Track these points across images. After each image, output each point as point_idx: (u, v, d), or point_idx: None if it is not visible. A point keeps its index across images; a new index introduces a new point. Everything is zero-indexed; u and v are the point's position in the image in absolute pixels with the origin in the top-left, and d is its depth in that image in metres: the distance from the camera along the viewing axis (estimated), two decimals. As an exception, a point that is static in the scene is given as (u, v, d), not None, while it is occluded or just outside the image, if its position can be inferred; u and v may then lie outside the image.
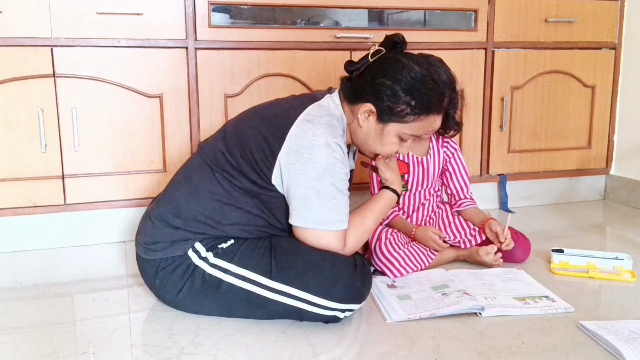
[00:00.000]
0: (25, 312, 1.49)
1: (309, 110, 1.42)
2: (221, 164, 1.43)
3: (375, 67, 1.44)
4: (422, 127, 1.46)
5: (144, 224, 1.49)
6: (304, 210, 1.39)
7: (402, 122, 1.43)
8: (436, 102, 1.43)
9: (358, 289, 1.38)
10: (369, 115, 1.44)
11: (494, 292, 1.57)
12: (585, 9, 2.42)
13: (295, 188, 1.38)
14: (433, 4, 2.21)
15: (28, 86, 1.86)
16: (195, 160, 1.50)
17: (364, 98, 1.44)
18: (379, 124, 1.44)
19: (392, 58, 1.44)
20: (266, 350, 1.27)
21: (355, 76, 1.47)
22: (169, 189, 1.51)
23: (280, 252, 1.38)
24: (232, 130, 1.48)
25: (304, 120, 1.40)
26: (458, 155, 1.89)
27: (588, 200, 2.66)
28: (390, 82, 1.40)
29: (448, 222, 1.86)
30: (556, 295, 1.55)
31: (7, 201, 1.89)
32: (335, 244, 1.41)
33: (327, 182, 1.37)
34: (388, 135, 1.45)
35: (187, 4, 1.96)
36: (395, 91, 1.40)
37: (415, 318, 1.43)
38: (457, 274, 1.70)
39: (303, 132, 1.38)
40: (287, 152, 1.38)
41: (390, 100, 1.41)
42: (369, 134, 1.47)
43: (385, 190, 1.58)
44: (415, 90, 1.40)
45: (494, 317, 1.43)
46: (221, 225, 1.41)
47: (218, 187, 1.42)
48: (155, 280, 1.45)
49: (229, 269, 1.37)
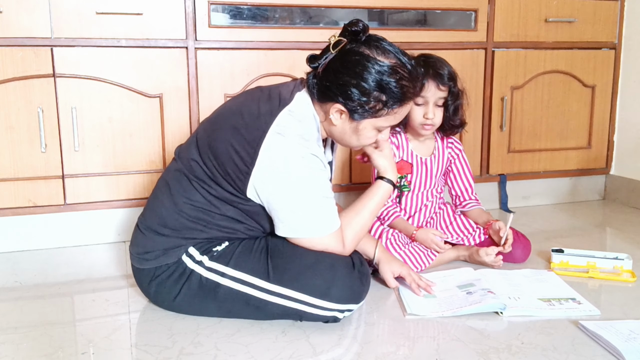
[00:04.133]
0: (25, 312, 1.49)
1: (279, 120, 1.34)
2: (197, 173, 1.40)
3: (338, 64, 1.34)
4: (398, 117, 1.40)
5: (135, 234, 1.48)
6: (291, 222, 1.36)
7: (376, 117, 1.37)
8: (409, 90, 1.36)
9: (356, 289, 1.38)
10: (341, 115, 1.38)
11: (519, 292, 1.56)
12: (585, 9, 2.42)
13: (277, 202, 1.35)
14: (433, 4, 2.21)
15: (28, 86, 1.85)
16: (172, 168, 1.46)
17: (332, 99, 1.36)
18: (353, 122, 1.38)
19: (354, 52, 1.33)
20: (266, 350, 1.27)
21: (320, 72, 1.37)
22: (151, 199, 1.49)
23: (277, 254, 1.38)
24: (204, 137, 1.41)
25: (274, 132, 1.32)
26: (463, 156, 1.89)
27: (588, 200, 2.66)
28: (357, 80, 1.31)
29: (449, 222, 1.86)
30: (583, 298, 1.53)
31: (7, 201, 1.89)
32: (333, 246, 1.39)
33: (307, 192, 1.34)
34: (364, 130, 1.39)
35: (187, 4, 1.96)
36: (363, 89, 1.32)
37: (438, 316, 1.43)
38: (485, 273, 1.69)
39: (276, 146, 1.32)
40: (261, 168, 1.32)
41: (360, 99, 1.33)
42: (344, 131, 1.41)
43: (380, 182, 1.52)
44: (385, 84, 1.32)
45: (494, 317, 1.43)
46: (207, 229, 1.40)
47: (197, 196, 1.39)
48: (150, 289, 1.45)
49: (225, 273, 1.37)
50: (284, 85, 1.46)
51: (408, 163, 1.82)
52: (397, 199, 1.83)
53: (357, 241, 1.46)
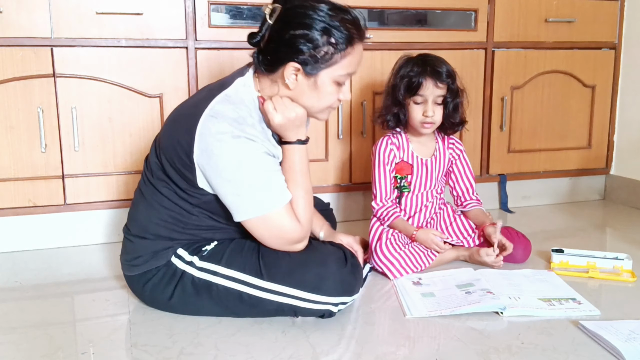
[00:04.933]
0: (25, 312, 1.49)
1: (214, 104, 1.32)
2: (158, 176, 1.40)
3: (279, 25, 1.32)
4: (353, 62, 1.37)
5: (124, 243, 1.49)
6: (238, 204, 1.32)
7: (331, 66, 1.33)
8: (354, 28, 1.33)
9: (348, 281, 1.38)
10: (296, 74, 1.33)
11: (519, 292, 1.56)
12: (585, 9, 2.42)
13: (221, 186, 1.32)
14: (433, 4, 2.21)
15: (28, 86, 1.86)
16: (143, 175, 1.48)
17: (282, 60, 1.32)
18: (309, 77, 1.34)
19: (291, 9, 1.32)
20: (266, 350, 1.27)
21: (264, 45, 1.35)
22: (131, 208, 1.50)
23: (268, 252, 1.38)
24: (159, 138, 1.43)
25: (208, 116, 1.30)
26: (464, 156, 1.89)
27: (588, 200, 2.66)
28: (302, 30, 1.29)
29: (449, 223, 1.86)
30: (583, 298, 1.53)
31: (7, 201, 1.89)
32: (289, 222, 1.34)
33: (247, 170, 1.30)
34: (323, 85, 1.35)
35: (187, 4, 1.96)
36: (309, 37, 1.29)
37: (436, 315, 1.43)
38: (485, 273, 1.69)
39: (207, 129, 1.29)
40: (199, 152, 1.30)
41: (309, 48, 1.30)
42: (303, 92, 1.36)
43: (287, 147, 1.40)
44: (329, 26, 1.30)
45: (494, 317, 1.43)
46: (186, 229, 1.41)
47: (163, 198, 1.40)
48: (144, 293, 1.45)
49: (217, 271, 1.37)
50: (230, 74, 1.44)
51: (408, 164, 1.82)
52: (397, 199, 1.83)
53: (310, 215, 1.41)
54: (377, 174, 1.81)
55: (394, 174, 1.82)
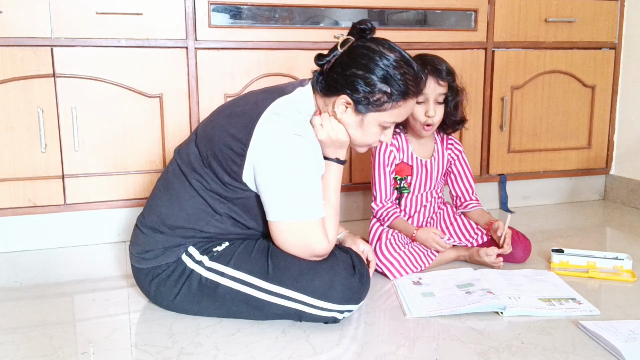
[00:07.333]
0: (25, 312, 1.49)
1: (277, 103, 1.37)
2: (194, 167, 1.41)
3: (345, 58, 1.38)
4: (402, 113, 1.42)
5: (135, 233, 1.48)
6: (280, 203, 1.34)
7: (380, 111, 1.38)
8: (413, 85, 1.39)
9: (356, 290, 1.38)
10: (346, 108, 1.39)
11: (519, 292, 1.56)
12: (585, 9, 2.42)
13: (268, 183, 1.33)
14: (433, 4, 2.21)
15: (28, 86, 1.86)
16: (171, 167, 1.47)
17: (338, 90, 1.38)
18: (358, 115, 1.39)
19: (361, 46, 1.38)
20: (266, 350, 1.27)
21: (327, 69, 1.41)
22: (151, 198, 1.49)
23: (277, 255, 1.37)
24: (202, 131, 1.44)
25: (270, 113, 1.34)
26: (463, 157, 1.89)
27: (588, 200, 2.66)
28: (363, 71, 1.35)
29: (449, 223, 1.86)
30: (583, 298, 1.53)
31: (7, 201, 1.89)
32: (319, 235, 1.35)
33: (299, 173, 1.33)
34: (369, 125, 1.41)
35: (187, 4, 1.96)
36: (369, 81, 1.35)
37: (436, 315, 1.43)
38: (485, 273, 1.69)
39: (270, 125, 1.33)
40: (255, 148, 1.33)
41: (365, 91, 1.35)
42: (348, 125, 1.41)
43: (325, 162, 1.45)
44: (390, 76, 1.35)
45: (494, 317, 1.43)
46: (206, 227, 1.40)
47: (193, 193, 1.40)
48: (150, 288, 1.45)
49: (225, 272, 1.37)
50: (287, 83, 1.50)
51: (408, 165, 1.82)
52: (397, 200, 1.83)
53: (335, 235, 1.43)
54: (377, 176, 1.81)
55: (394, 175, 1.82)
